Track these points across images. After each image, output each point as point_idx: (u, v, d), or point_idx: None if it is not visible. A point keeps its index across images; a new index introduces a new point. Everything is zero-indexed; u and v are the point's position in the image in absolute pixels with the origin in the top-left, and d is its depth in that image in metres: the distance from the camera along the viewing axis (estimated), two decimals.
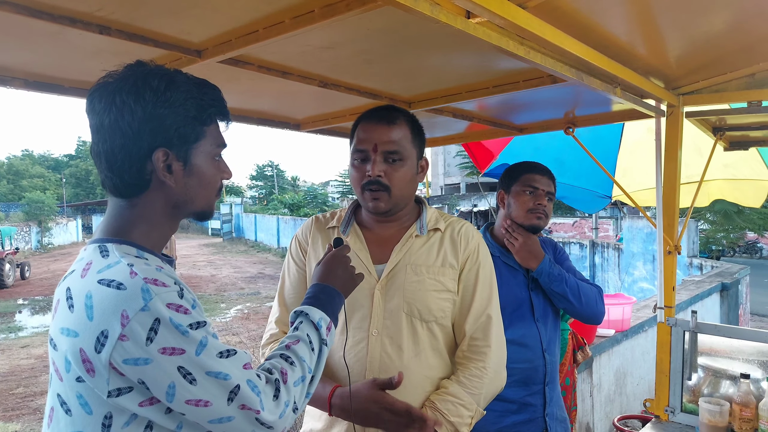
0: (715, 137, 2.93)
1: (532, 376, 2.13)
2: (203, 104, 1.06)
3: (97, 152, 1.04)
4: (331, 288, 1.29)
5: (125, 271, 0.95)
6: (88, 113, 1.04)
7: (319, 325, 1.18)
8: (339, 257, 1.36)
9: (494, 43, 1.35)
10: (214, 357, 0.96)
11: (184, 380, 0.93)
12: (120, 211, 1.06)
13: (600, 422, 3.88)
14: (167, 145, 1.03)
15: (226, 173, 1.15)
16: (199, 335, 0.95)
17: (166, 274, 0.98)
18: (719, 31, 1.82)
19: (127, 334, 0.90)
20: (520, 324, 2.13)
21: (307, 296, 1.27)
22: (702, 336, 2.38)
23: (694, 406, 2.34)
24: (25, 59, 1.57)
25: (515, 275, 2.21)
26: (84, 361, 0.93)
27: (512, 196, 2.25)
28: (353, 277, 1.36)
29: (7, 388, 8.93)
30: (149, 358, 0.91)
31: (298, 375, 1.09)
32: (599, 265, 15.16)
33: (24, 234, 32.73)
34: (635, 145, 3.75)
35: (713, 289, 6.68)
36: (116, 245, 1.02)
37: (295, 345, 1.13)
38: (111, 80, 1.02)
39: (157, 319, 0.92)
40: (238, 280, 20.48)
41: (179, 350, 0.93)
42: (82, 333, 0.94)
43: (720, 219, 15.39)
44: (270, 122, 2.52)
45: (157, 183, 1.05)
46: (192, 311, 0.96)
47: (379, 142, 1.53)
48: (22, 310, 15.92)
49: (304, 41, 1.49)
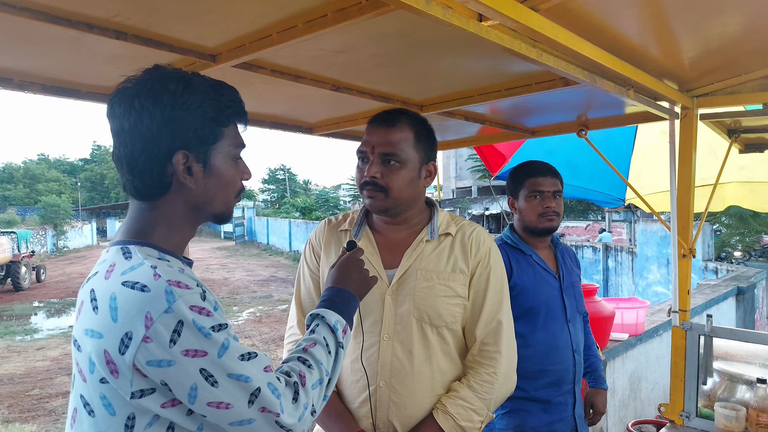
0: (730, 139, 2.90)
1: (564, 377, 2.17)
2: (221, 105, 1.07)
3: (118, 156, 1.05)
4: (346, 291, 1.29)
5: (149, 273, 0.96)
6: (109, 118, 1.05)
7: (335, 328, 1.19)
8: (353, 260, 1.36)
9: (506, 45, 1.36)
10: (236, 359, 0.96)
11: (206, 382, 0.94)
12: (141, 214, 1.07)
13: (614, 427, 3.85)
14: (186, 147, 1.03)
15: (246, 174, 1.15)
16: (222, 337, 0.96)
17: (189, 276, 0.99)
18: (733, 33, 1.80)
19: (150, 335, 0.91)
20: (554, 326, 2.16)
21: (323, 299, 1.28)
22: (717, 340, 2.36)
23: (710, 411, 2.32)
24: (44, 65, 1.60)
25: (548, 277, 2.22)
26: (108, 362, 0.94)
27: (521, 202, 2.26)
28: (367, 280, 1.37)
29: (24, 389, 9.03)
30: (172, 360, 0.92)
31: (316, 378, 1.09)
32: (612, 268, 15.04)
33: (40, 237, 33.11)
34: (648, 148, 3.73)
35: (729, 293, 6.59)
36: (138, 247, 1.02)
37: (312, 348, 1.13)
38: (130, 85, 1.03)
39: (180, 321, 0.92)
40: (250, 284, 20.56)
41: (202, 352, 0.93)
42: (106, 334, 0.95)
43: (735, 222, 15.20)
44: (283, 126, 2.53)
45: (178, 185, 1.05)
46: (214, 313, 0.97)
47: (377, 144, 1.55)
48: (37, 312, 16.09)
49: (317, 45, 1.50)
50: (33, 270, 21.40)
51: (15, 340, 12.59)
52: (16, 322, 14.57)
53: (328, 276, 1.37)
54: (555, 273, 2.25)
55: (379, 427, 1.53)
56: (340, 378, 1.63)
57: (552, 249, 2.33)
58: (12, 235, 20.92)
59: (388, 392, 1.53)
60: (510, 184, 2.33)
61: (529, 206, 2.22)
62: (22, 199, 50.95)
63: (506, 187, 2.37)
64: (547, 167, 2.27)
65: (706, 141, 3.09)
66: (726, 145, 2.91)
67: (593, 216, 27.32)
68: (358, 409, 1.56)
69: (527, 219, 2.24)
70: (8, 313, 15.90)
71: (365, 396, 1.55)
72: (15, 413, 7.98)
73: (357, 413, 1.57)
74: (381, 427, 1.53)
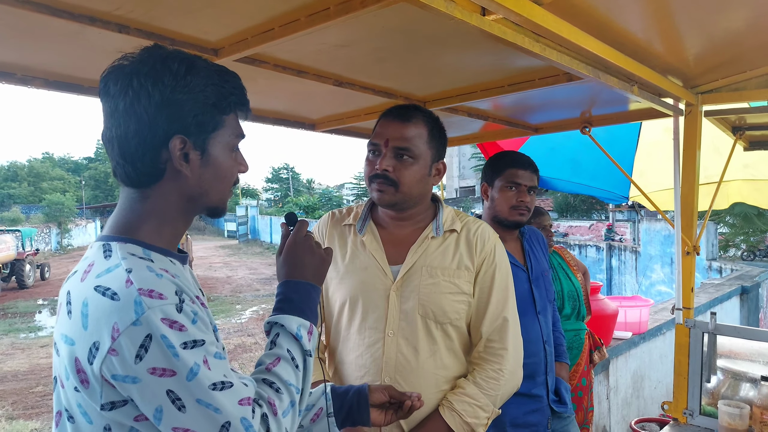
0: (734, 137, 2.89)
1: (537, 369, 2.15)
2: (224, 92, 1.00)
3: (109, 137, 0.97)
4: (302, 283, 1.13)
5: (121, 279, 0.89)
6: (102, 96, 0.98)
7: (299, 335, 1.05)
8: (300, 242, 1.17)
9: (510, 40, 1.35)
10: (206, 388, 0.87)
11: (173, 405, 0.86)
12: (131, 205, 1.00)
13: (617, 425, 3.84)
14: (184, 133, 0.96)
15: (242, 166, 1.07)
16: (192, 359, 0.87)
17: (169, 281, 0.91)
18: (738, 29, 1.79)
19: (116, 348, 0.85)
20: (524, 320, 2.13)
21: (278, 299, 1.11)
22: (721, 338, 2.35)
23: (713, 409, 2.31)
24: (46, 59, 1.60)
25: (516, 271, 2.20)
26: (78, 371, 0.89)
27: (495, 191, 2.23)
28: (324, 259, 1.18)
29: (27, 386, 9.07)
30: (137, 377, 0.85)
31: (287, 402, 0.99)
32: (616, 268, 15.02)
33: (44, 235, 33.25)
34: (652, 146, 3.71)
35: (733, 293, 6.57)
36: (121, 244, 0.95)
37: (276, 366, 1.01)
38: (127, 63, 0.96)
39: (148, 336, 0.85)
40: (253, 282, 20.59)
41: (170, 371, 0.85)
42: (77, 341, 0.89)
43: (740, 222, 15.15)
44: (286, 122, 2.53)
45: (172, 173, 0.98)
46: (190, 327, 0.88)
47: (391, 138, 1.54)
48: (41, 310, 16.16)
49: (320, 39, 1.49)
50: (37, 268, 21.51)
51: (19, 338, 12.65)
52: (21, 320, 14.63)
53: (276, 267, 1.19)
54: (523, 266, 2.21)
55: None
56: (343, 374, 1.62)
57: (519, 239, 2.30)
58: (16, 233, 21.03)
59: None
60: (487, 171, 2.28)
61: (503, 197, 2.19)
62: (27, 198, 51.10)
63: (482, 173, 2.33)
64: (528, 161, 2.24)
65: (710, 138, 3.08)
66: (730, 142, 2.90)
67: (597, 215, 27.24)
68: None
69: (499, 209, 2.21)
70: (12, 310, 15.97)
71: None
72: (19, 410, 8.02)
73: None
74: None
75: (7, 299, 17.74)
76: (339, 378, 1.64)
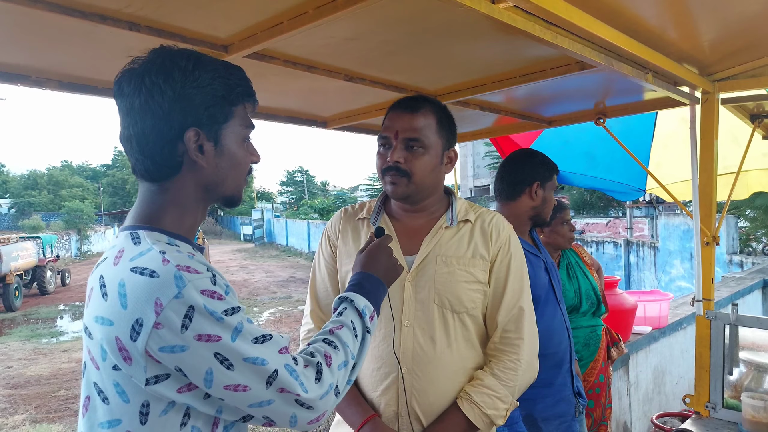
0: (752, 125, 2.84)
1: (563, 358, 2.17)
2: (231, 84, 1.06)
3: (127, 136, 1.04)
4: (374, 277, 1.29)
5: (157, 259, 0.94)
6: (117, 97, 1.04)
7: (364, 312, 1.18)
8: (382, 246, 1.36)
9: (520, 27, 1.34)
10: (250, 342, 0.95)
11: (222, 366, 0.93)
12: (151, 197, 1.06)
13: (638, 421, 3.79)
14: (198, 125, 1.02)
15: (255, 156, 1.14)
16: (234, 321, 0.95)
17: (198, 261, 0.98)
18: (755, 13, 1.75)
19: (161, 321, 0.90)
20: (547, 308, 2.17)
21: (352, 283, 1.27)
22: (743, 330, 2.30)
23: (736, 401, 2.26)
24: (59, 60, 1.62)
25: (536, 260, 2.21)
26: (120, 349, 0.93)
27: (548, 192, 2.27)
28: (395, 268, 1.36)
29: (50, 390, 9.19)
30: (185, 345, 0.91)
31: (342, 359, 1.08)
32: (634, 264, 14.84)
33: (64, 242, 33.69)
34: (668, 137, 3.66)
35: (755, 286, 6.46)
36: (147, 232, 1.01)
37: (339, 330, 1.12)
38: (137, 65, 1.02)
39: (191, 306, 0.91)
40: (270, 285, 20.69)
41: (215, 337, 0.92)
42: (117, 322, 0.93)
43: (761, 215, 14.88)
44: (297, 120, 2.54)
45: (189, 165, 1.04)
46: (226, 297, 0.96)
47: (401, 129, 1.54)
48: (63, 315, 16.38)
49: (329, 33, 1.49)
50: (58, 274, 21.81)
51: (41, 343, 12.83)
52: (42, 325, 14.84)
53: (356, 261, 1.37)
54: (540, 255, 2.24)
55: (402, 415, 1.52)
56: (364, 373, 1.62)
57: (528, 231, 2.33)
58: (37, 241, 21.32)
59: (411, 379, 1.52)
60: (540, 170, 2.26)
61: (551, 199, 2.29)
62: (47, 205, 51.84)
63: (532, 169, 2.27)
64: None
65: (728, 128, 3.02)
66: (749, 131, 2.84)
67: (614, 212, 26.95)
68: (380, 396, 1.55)
69: (546, 209, 2.28)
70: (35, 316, 16.21)
71: (387, 383, 1.54)
72: (42, 413, 8.13)
73: (378, 401, 1.55)
74: (403, 414, 1.52)
75: (28, 305, 18.01)
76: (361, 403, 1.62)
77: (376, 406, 1.56)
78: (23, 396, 8.93)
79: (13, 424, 7.71)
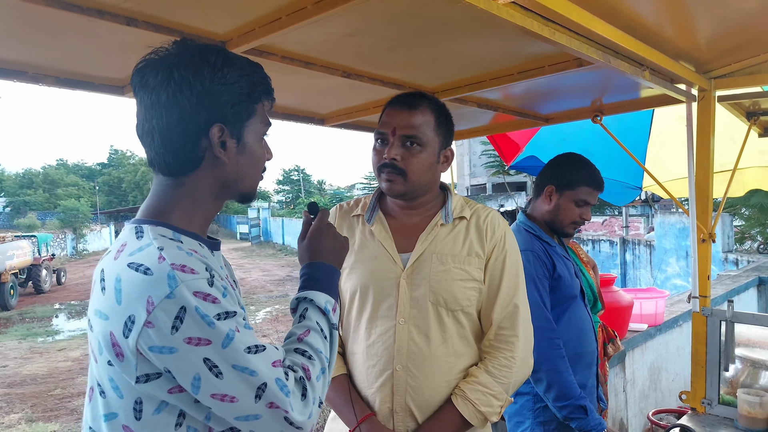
0: (748, 122, 2.85)
1: (593, 359, 2.19)
2: (255, 82, 1.07)
3: (149, 129, 1.02)
4: (326, 265, 1.19)
5: (154, 256, 0.93)
6: (140, 89, 1.02)
7: (326, 309, 1.12)
8: (322, 228, 1.25)
9: (518, 23, 1.34)
10: (242, 351, 0.92)
11: (210, 373, 0.90)
12: (164, 191, 1.05)
13: (634, 418, 3.80)
14: (223, 122, 1.02)
15: (269, 153, 1.15)
16: (226, 327, 0.92)
17: (199, 260, 0.96)
18: (751, 11, 1.76)
19: (152, 321, 0.89)
20: (578, 309, 2.18)
21: (304, 278, 1.18)
22: (739, 326, 2.32)
23: (732, 398, 2.28)
24: (57, 56, 1.61)
25: (567, 262, 2.21)
26: (113, 345, 0.93)
27: (563, 200, 2.19)
28: (343, 246, 1.26)
29: (46, 389, 9.17)
30: (174, 348, 0.89)
31: (319, 369, 1.04)
32: (630, 262, 14.89)
33: (60, 241, 33.60)
34: (665, 134, 3.67)
35: (750, 284, 6.49)
36: (152, 227, 1.00)
37: (307, 336, 1.07)
38: (161, 56, 1.01)
39: (182, 308, 0.89)
40: (266, 283, 20.68)
41: (205, 341, 0.90)
42: (111, 316, 0.93)
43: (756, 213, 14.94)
44: (295, 117, 2.53)
45: (210, 160, 1.04)
46: (221, 300, 0.93)
47: (398, 126, 1.53)
48: (58, 314, 16.33)
49: (327, 29, 1.49)
50: (53, 273, 21.73)
51: (37, 342, 12.79)
52: (38, 324, 14.80)
53: (300, 250, 1.25)
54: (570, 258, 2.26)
55: (397, 412, 1.52)
56: (353, 363, 1.62)
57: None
58: (32, 239, 21.26)
59: (405, 376, 1.52)
60: (559, 174, 2.21)
61: (569, 210, 2.19)
62: (42, 204, 51.69)
63: (550, 171, 2.25)
64: (602, 181, 2.24)
65: (724, 126, 3.03)
66: (745, 129, 2.86)
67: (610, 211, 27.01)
68: (375, 393, 1.55)
69: (560, 219, 2.21)
70: (30, 315, 16.16)
71: (383, 380, 1.54)
72: (38, 412, 8.11)
73: (373, 398, 1.56)
74: (398, 411, 1.52)
75: (24, 304, 17.95)
76: (351, 368, 1.63)
77: (371, 402, 1.56)
78: (19, 395, 8.90)
79: (9, 423, 7.69)
